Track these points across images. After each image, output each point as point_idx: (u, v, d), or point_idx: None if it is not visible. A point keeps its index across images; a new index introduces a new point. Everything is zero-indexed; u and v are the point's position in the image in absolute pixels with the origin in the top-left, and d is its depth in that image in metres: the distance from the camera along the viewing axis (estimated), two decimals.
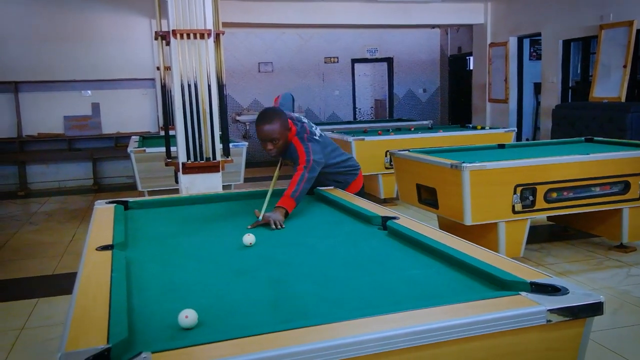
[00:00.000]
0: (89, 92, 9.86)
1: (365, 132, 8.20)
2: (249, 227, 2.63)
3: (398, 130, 8.38)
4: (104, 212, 2.90)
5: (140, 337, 1.43)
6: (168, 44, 4.34)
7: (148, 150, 6.45)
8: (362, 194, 3.62)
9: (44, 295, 4.43)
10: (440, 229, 5.12)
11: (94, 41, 9.69)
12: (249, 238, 2.33)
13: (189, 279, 1.96)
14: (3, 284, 4.84)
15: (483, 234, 4.56)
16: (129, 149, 6.52)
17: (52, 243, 6.06)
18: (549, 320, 1.49)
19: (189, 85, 4.34)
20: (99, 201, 3.18)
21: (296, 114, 3.49)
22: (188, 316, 1.50)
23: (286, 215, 2.83)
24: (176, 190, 5.00)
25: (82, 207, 7.93)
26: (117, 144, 9.86)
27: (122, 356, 1.28)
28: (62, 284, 4.70)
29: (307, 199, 3.36)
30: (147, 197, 3.43)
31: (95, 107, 9.88)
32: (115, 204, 3.07)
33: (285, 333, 1.38)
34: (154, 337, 1.44)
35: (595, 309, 1.54)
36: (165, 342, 1.36)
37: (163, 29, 4.39)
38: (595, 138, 6.10)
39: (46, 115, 9.65)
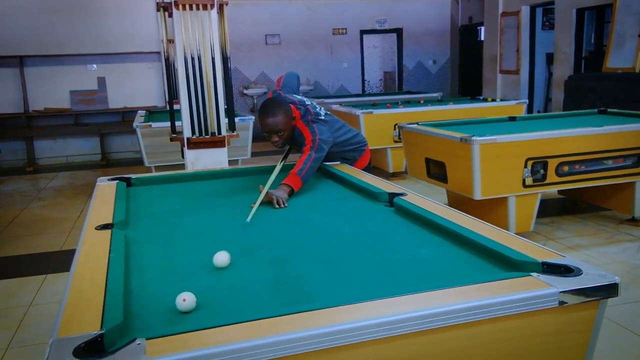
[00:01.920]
0: (95, 66, 9.78)
1: (373, 105, 8.08)
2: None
3: (407, 103, 8.26)
4: (105, 189, 2.86)
5: (137, 321, 1.39)
6: (170, 15, 4.25)
7: (154, 125, 6.38)
8: (368, 169, 3.56)
9: (52, 272, 4.43)
10: (449, 203, 5.08)
11: (99, 14, 9.57)
12: (221, 258, 1.80)
13: (189, 259, 1.91)
14: (12, 260, 4.84)
15: (493, 209, 4.50)
16: (134, 124, 6.45)
17: (61, 219, 6.06)
18: (562, 302, 1.44)
19: (193, 59, 4.26)
20: (101, 178, 3.14)
21: (299, 96, 3.40)
22: (186, 299, 1.46)
23: (291, 193, 2.78)
24: (183, 166, 4.95)
25: (91, 182, 7.90)
26: (124, 119, 9.80)
27: (116, 342, 1.24)
28: (71, 260, 4.67)
29: (313, 174, 3.30)
30: (149, 174, 3.37)
31: (102, 81, 9.81)
32: (117, 181, 3.02)
33: (288, 317, 1.33)
34: (150, 321, 1.39)
35: (610, 290, 1.48)
36: (162, 327, 1.32)
37: (165, 0, 4.29)
38: (609, 110, 5.97)
39: (52, 90, 9.59)
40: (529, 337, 1.46)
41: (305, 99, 3.41)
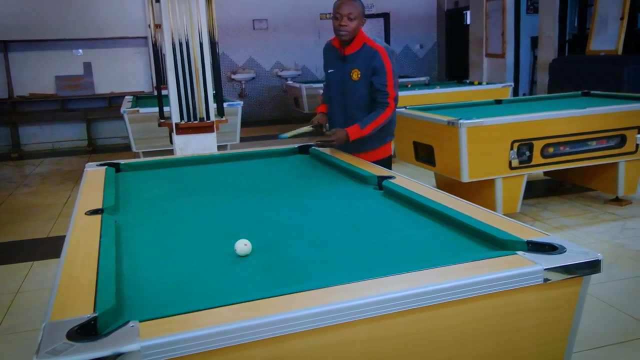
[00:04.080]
0: (80, 51, 9.67)
1: None
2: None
3: None
4: (94, 174, 2.86)
5: (129, 304, 1.40)
6: (158, 0, 4.21)
7: (142, 110, 6.35)
8: (389, 162, 3.40)
9: (39, 258, 4.42)
10: (437, 186, 5.12)
11: None
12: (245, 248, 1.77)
13: (180, 243, 1.92)
14: None
15: (480, 191, 4.54)
16: (122, 110, 6.41)
17: (47, 205, 6.03)
18: (547, 279, 1.48)
19: (181, 44, 4.23)
20: (89, 163, 3.13)
21: None
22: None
23: (346, 139, 2.92)
24: (171, 151, 4.94)
25: (77, 168, 7.86)
26: (111, 104, 9.72)
27: (109, 325, 1.25)
28: (58, 246, 4.62)
29: (302, 158, 3.32)
30: (138, 160, 3.37)
31: (87, 66, 9.70)
32: (106, 167, 3.02)
33: (281, 298, 1.35)
34: (143, 304, 1.41)
35: (593, 266, 1.52)
36: (155, 309, 1.33)
37: None
38: (592, 92, 6.03)
39: (37, 75, 9.48)
40: (515, 314, 1.50)
41: None
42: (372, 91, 3.16)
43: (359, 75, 3.16)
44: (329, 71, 3.36)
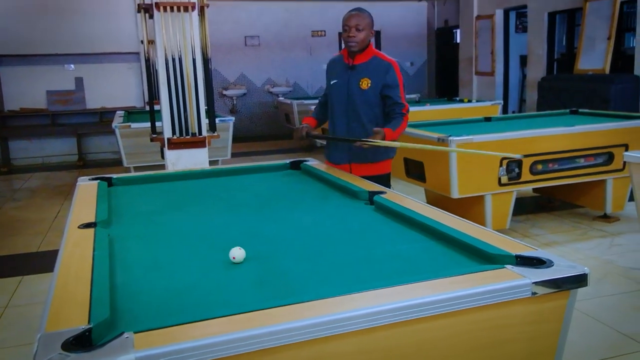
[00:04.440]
0: (72, 66, 9.69)
1: None
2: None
3: None
4: (87, 188, 2.86)
5: (124, 316, 1.41)
6: (151, 16, 4.26)
7: (133, 125, 6.37)
8: (389, 179, 3.52)
9: (28, 273, 4.39)
10: (427, 202, 5.15)
11: (77, 14, 9.49)
12: (239, 253, 1.85)
13: (173, 256, 1.94)
14: None
15: (470, 207, 4.58)
16: (113, 125, 6.43)
17: (37, 220, 6.00)
18: (534, 293, 1.50)
19: (174, 60, 4.27)
20: (82, 177, 3.14)
21: None
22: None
23: (383, 139, 3.02)
24: (163, 166, 4.95)
25: (67, 183, 7.84)
26: (102, 119, 9.72)
27: (103, 336, 1.26)
28: (47, 261, 4.61)
29: (293, 174, 3.34)
30: (131, 174, 3.38)
31: (79, 81, 9.72)
32: (98, 181, 3.03)
33: (274, 310, 1.37)
34: (137, 316, 1.42)
35: (580, 280, 1.55)
36: (149, 321, 1.34)
37: (146, 1, 4.30)
38: (580, 110, 6.11)
39: (28, 90, 9.47)
40: (504, 327, 1.52)
41: None
42: (388, 104, 3.27)
43: (369, 84, 3.25)
44: (332, 82, 3.41)
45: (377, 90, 3.25)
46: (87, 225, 2.16)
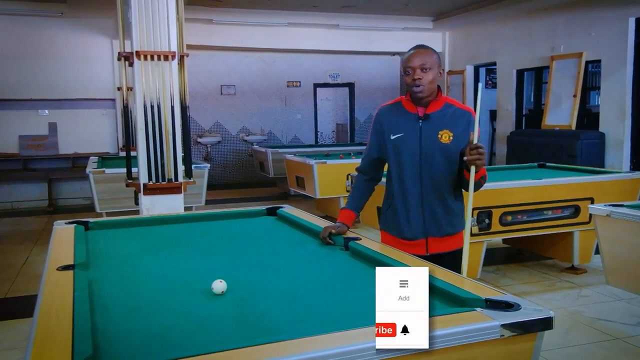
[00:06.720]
0: (46, 111, 9.71)
1: (327, 155, 8.28)
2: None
3: (359, 154, 8.49)
4: (63, 232, 2.87)
5: (105, 356, 1.42)
6: (131, 65, 4.35)
7: (107, 171, 6.37)
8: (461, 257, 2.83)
9: None
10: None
11: (52, 60, 9.58)
12: (220, 285, 1.97)
13: (152, 298, 1.96)
14: None
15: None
16: (87, 170, 6.43)
17: (4, 265, 5.90)
18: (502, 335, 1.56)
19: (152, 107, 4.35)
20: (58, 221, 3.14)
21: None
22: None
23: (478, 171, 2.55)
24: (136, 212, 4.95)
25: (36, 228, 7.73)
26: (75, 165, 9.69)
27: None
28: (15, 307, 4.59)
29: (269, 220, 3.39)
30: (108, 218, 3.39)
31: (53, 126, 9.72)
32: (75, 225, 3.04)
33: (252, 349, 1.40)
34: (119, 356, 1.44)
35: (546, 323, 1.62)
36: None
37: (126, 50, 4.39)
38: (548, 164, 6.32)
39: (0, 134, 9.42)
40: None
41: None
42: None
43: (451, 138, 2.63)
44: (395, 136, 2.71)
45: (459, 145, 2.62)
46: (66, 267, 2.17)
